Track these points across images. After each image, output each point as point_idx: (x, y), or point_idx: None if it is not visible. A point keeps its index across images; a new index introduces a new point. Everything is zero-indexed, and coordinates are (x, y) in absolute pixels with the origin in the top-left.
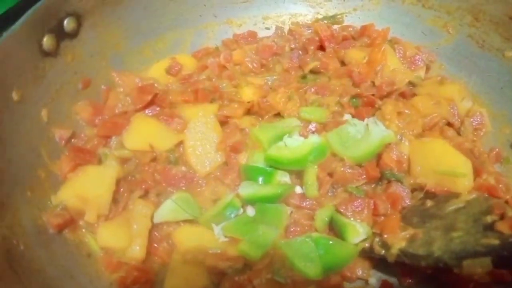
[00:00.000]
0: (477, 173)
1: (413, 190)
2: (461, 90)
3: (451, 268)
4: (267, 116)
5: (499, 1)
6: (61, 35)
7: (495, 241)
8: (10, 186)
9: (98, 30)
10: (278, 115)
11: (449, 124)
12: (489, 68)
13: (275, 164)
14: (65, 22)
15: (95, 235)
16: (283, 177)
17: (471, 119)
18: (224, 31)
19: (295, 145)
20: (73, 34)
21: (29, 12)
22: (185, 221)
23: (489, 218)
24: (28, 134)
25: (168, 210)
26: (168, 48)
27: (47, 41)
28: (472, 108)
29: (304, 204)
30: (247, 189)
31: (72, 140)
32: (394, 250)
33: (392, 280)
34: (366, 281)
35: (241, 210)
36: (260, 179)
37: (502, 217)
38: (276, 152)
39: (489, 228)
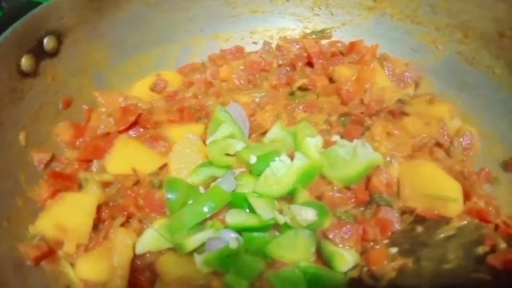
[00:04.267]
0: (466, 195)
1: (402, 214)
2: (451, 110)
3: None
4: (254, 135)
5: (489, 18)
6: (40, 54)
7: (487, 276)
8: None
9: (79, 48)
10: (265, 133)
11: (438, 144)
12: (479, 85)
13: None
14: (45, 41)
15: (74, 266)
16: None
17: (461, 139)
18: (211, 46)
19: (282, 172)
20: (53, 53)
21: (7, 33)
22: (169, 249)
23: (480, 249)
24: (5, 159)
25: (150, 239)
26: (153, 64)
27: (25, 62)
28: (462, 128)
29: None
30: (234, 218)
31: (52, 163)
32: (384, 282)
33: None
34: None
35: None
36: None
37: (493, 249)
38: (264, 187)
39: (480, 260)
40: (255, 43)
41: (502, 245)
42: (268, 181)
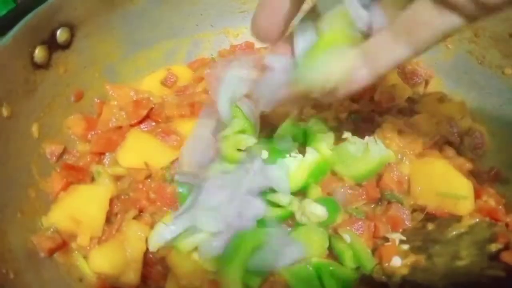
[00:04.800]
0: (476, 194)
1: (413, 211)
2: (461, 108)
3: None
4: (264, 131)
5: (499, 18)
6: (53, 46)
7: (501, 273)
8: (0, 207)
9: (91, 41)
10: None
11: (448, 143)
12: (489, 85)
13: None
14: (58, 33)
15: (87, 258)
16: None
17: (471, 138)
18: (221, 41)
19: (294, 168)
20: (66, 45)
21: (21, 23)
22: None
23: (493, 247)
24: (18, 151)
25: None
26: (163, 58)
27: (39, 53)
28: (472, 126)
29: None
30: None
31: (64, 156)
32: (397, 278)
33: None
34: None
35: None
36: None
37: (506, 246)
38: None
39: (494, 257)
40: None
41: None
42: None
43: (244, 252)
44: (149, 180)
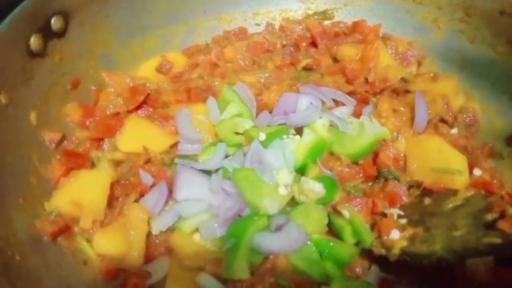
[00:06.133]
0: (471, 169)
1: (409, 187)
2: (454, 87)
3: (453, 267)
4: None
5: None
6: (48, 34)
7: (497, 240)
8: (1, 194)
9: (86, 29)
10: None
11: (443, 121)
12: (481, 63)
13: None
14: (53, 21)
15: (90, 242)
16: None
17: (464, 115)
18: (214, 27)
19: (293, 147)
20: (61, 33)
21: (16, 11)
22: None
23: (489, 216)
24: (18, 138)
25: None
26: (157, 46)
27: (34, 41)
28: (465, 104)
29: None
30: None
31: (63, 143)
32: (396, 250)
33: (391, 277)
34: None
35: None
36: None
37: (502, 215)
38: None
39: (490, 226)
40: (258, 24)
41: (511, 211)
42: None
43: (248, 237)
44: (148, 165)
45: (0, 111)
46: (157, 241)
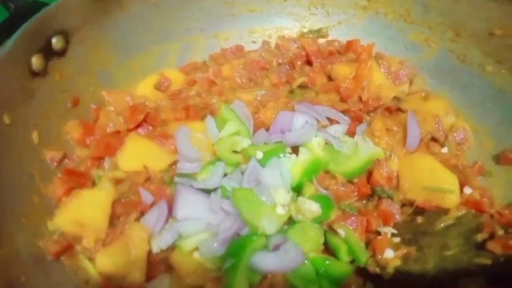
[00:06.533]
0: (462, 187)
1: (402, 206)
2: (445, 106)
3: (446, 285)
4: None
5: (479, 17)
6: (49, 54)
7: (488, 261)
8: (4, 213)
9: (85, 47)
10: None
11: (434, 139)
12: (471, 82)
13: None
14: (53, 40)
15: (92, 260)
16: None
17: (455, 134)
18: (211, 45)
19: (289, 166)
20: (61, 53)
21: (18, 32)
22: None
23: (479, 237)
24: (20, 157)
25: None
26: (155, 63)
27: (36, 61)
28: (456, 123)
29: None
30: None
31: (65, 160)
32: (390, 269)
33: None
34: None
35: None
36: None
37: (492, 235)
38: None
39: (481, 246)
40: (254, 42)
41: (500, 232)
42: None
43: (247, 256)
44: (148, 183)
45: (3, 131)
46: (157, 259)
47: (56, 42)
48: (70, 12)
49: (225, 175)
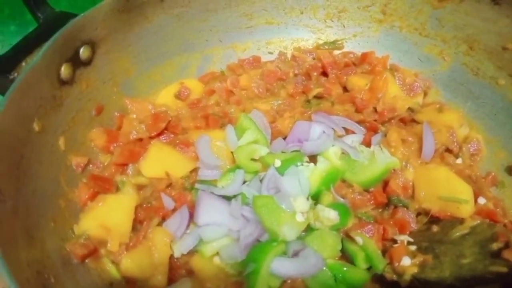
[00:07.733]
0: (476, 197)
1: (417, 215)
2: (459, 118)
3: None
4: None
5: (493, 32)
6: (77, 63)
7: (504, 269)
8: (35, 218)
9: (110, 57)
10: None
11: (448, 150)
12: (484, 95)
13: None
14: (81, 50)
15: (116, 264)
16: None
17: (469, 145)
18: (229, 55)
19: (307, 175)
20: (88, 62)
21: (49, 42)
22: None
23: (495, 246)
24: (48, 163)
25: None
26: (175, 73)
27: (64, 70)
28: (469, 135)
29: None
30: None
31: (89, 166)
32: (407, 276)
33: None
34: None
35: None
36: None
37: (507, 244)
38: None
39: (496, 255)
40: (270, 53)
41: None
42: None
43: (268, 262)
44: (169, 189)
45: (33, 138)
46: (178, 263)
47: (83, 52)
48: (97, 23)
49: (244, 182)
